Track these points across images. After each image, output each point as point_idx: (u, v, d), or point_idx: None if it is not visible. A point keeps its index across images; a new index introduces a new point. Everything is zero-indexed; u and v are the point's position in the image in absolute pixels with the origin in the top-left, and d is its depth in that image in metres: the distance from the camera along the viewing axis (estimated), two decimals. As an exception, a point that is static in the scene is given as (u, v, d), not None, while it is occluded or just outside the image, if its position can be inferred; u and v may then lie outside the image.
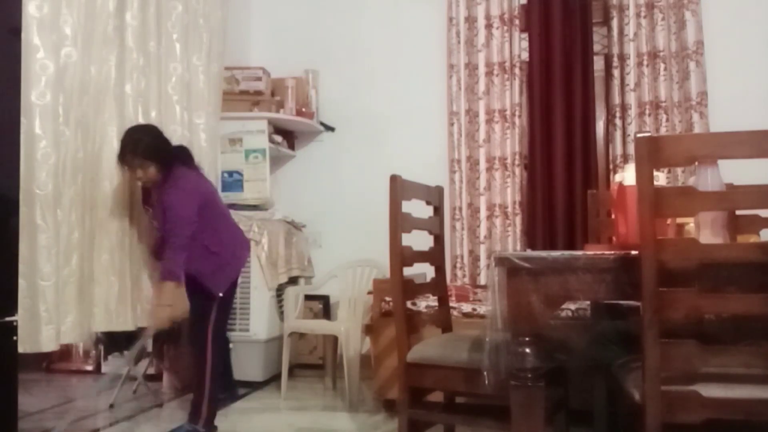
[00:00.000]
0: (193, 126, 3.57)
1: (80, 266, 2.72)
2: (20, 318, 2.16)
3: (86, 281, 2.80)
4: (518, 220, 4.20)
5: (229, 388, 3.53)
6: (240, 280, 3.83)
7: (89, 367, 4.37)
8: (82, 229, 2.74)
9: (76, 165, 2.70)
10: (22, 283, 2.32)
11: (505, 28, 4.25)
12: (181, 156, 2.96)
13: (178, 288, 2.69)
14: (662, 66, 4.01)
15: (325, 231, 4.53)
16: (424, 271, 2.75)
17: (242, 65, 4.34)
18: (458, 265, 4.21)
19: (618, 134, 4.07)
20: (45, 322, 2.46)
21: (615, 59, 4.10)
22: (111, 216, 2.98)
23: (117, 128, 3.02)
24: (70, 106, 2.65)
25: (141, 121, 3.18)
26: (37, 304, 2.44)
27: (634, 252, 1.59)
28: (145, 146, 2.80)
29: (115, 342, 3.43)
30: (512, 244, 4.17)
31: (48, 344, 2.48)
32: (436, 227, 2.56)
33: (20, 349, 2.15)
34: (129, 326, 3.08)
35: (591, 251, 1.79)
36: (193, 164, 2.99)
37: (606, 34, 4.21)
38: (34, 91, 2.47)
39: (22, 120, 2.29)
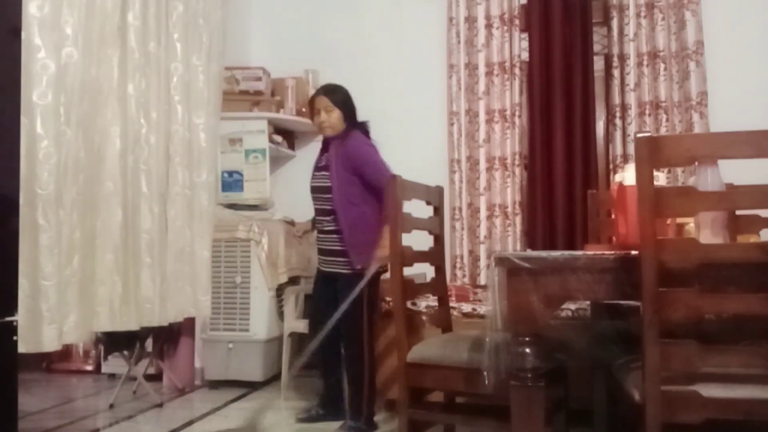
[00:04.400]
0: (192, 126, 3.56)
1: (82, 266, 2.72)
2: (22, 318, 2.16)
3: (88, 281, 2.79)
4: (518, 220, 4.20)
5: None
6: (240, 280, 3.86)
7: (89, 367, 4.38)
8: (83, 228, 2.74)
9: (77, 165, 2.70)
10: (24, 283, 2.32)
11: (505, 28, 4.25)
12: (365, 126, 3.16)
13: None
14: (662, 66, 4.01)
15: (325, 231, 4.52)
16: (424, 271, 2.75)
17: (242, 65, 4.34)
18: (458, 265, 4.21)
19: (618, 134, 4.07)
20: (47, 322, 2.45)
21: (615, 59, 4.10)
22: (113, 216, 2.98)
23: (120, 128, 3.01)
24: (71, 106, 2.64)
25: (143, 121, 3.18)
26: (39, 304, 2.44)
27: (634, 252, 1.59)
28: (343, 94, 3.15)
29: (115, 342, 3.43)
30: (512, 244, 4.17)
31: (50, 344, 2.48)
32: (436, 227, 2.56)
33: (22, 349, 2.14)
34: (133, 326, 3.08)
35: (591, 251, 1.79)
36: (370, 138, 3.15)
37: (606, 34, 4.21)
38: (35, 91, 2.46)
39: (24, 120, 2.29)
